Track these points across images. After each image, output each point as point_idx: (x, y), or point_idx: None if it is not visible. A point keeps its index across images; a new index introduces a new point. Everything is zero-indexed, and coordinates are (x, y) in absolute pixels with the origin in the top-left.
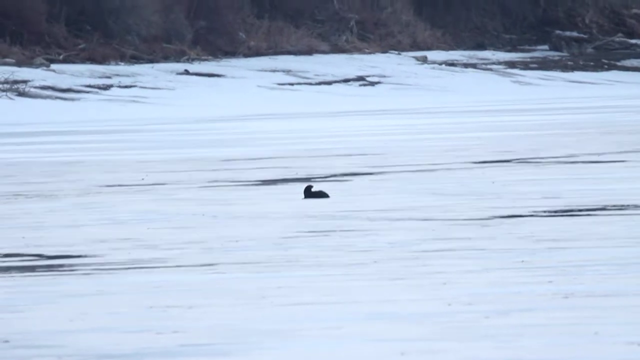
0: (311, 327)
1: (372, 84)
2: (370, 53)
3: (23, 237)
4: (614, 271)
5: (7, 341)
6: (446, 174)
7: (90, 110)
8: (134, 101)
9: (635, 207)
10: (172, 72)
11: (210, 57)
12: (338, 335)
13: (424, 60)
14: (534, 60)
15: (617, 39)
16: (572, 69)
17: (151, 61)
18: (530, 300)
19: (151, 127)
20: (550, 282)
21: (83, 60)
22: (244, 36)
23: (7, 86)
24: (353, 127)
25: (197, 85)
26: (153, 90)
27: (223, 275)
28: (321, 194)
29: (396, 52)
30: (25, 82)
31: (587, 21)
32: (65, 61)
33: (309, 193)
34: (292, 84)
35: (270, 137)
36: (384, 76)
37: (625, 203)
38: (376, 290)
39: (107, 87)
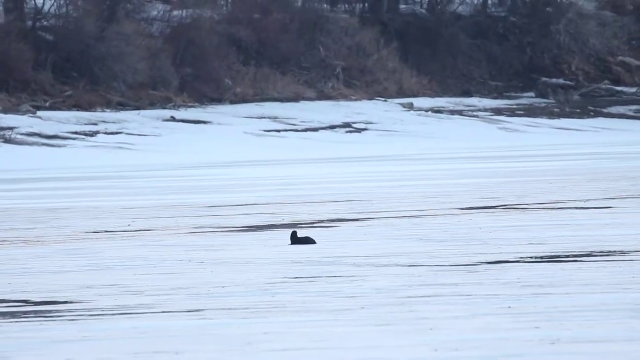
0: None
1: (359, 130)
2: (356, 100)
3: (9, 284)
4: (600, 317)
5: None
6: (432, 220)
7: (76, 157)
8: (120, 148)
9: (621, 253)
10: (158, 118)
11: (196, 104)
12: None
13: (410, 107)
14: (521, 107)
15: (604, 86)
16: (559, 116)
17: (137, 108)
18: (518, 346)
19: (137, 173)
20: (537, 328)
21: (69, 107)
22: (230, 83)
23: None
24: (339, 174)
25: (184, 132)
26: (139, 137)
27: (210, 321)
28: (308, 240)
29: (383, 99)
30: (11, 129)
31: (573, 68)
32: (51, 108)
33: (295, 239)
34: (278, 131)
35: (257, 183)
36: (371, 123)
37: (611, 249)
38: (363, 336)
39: (93, 134)
